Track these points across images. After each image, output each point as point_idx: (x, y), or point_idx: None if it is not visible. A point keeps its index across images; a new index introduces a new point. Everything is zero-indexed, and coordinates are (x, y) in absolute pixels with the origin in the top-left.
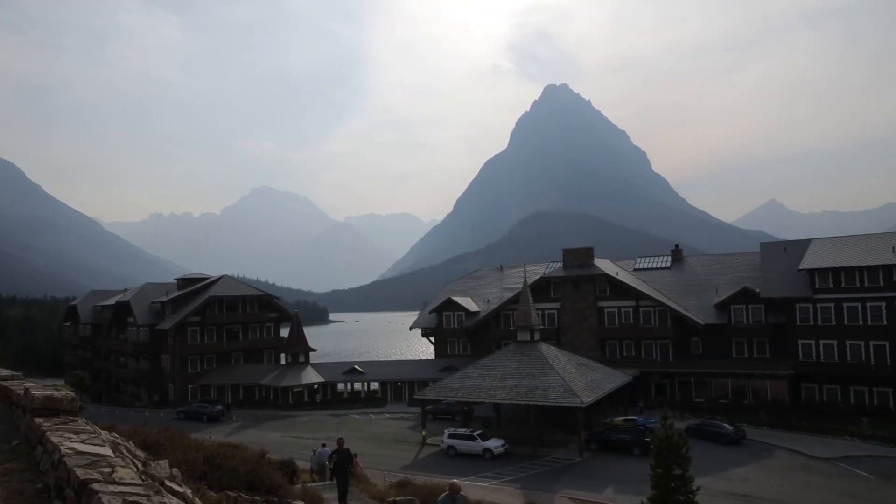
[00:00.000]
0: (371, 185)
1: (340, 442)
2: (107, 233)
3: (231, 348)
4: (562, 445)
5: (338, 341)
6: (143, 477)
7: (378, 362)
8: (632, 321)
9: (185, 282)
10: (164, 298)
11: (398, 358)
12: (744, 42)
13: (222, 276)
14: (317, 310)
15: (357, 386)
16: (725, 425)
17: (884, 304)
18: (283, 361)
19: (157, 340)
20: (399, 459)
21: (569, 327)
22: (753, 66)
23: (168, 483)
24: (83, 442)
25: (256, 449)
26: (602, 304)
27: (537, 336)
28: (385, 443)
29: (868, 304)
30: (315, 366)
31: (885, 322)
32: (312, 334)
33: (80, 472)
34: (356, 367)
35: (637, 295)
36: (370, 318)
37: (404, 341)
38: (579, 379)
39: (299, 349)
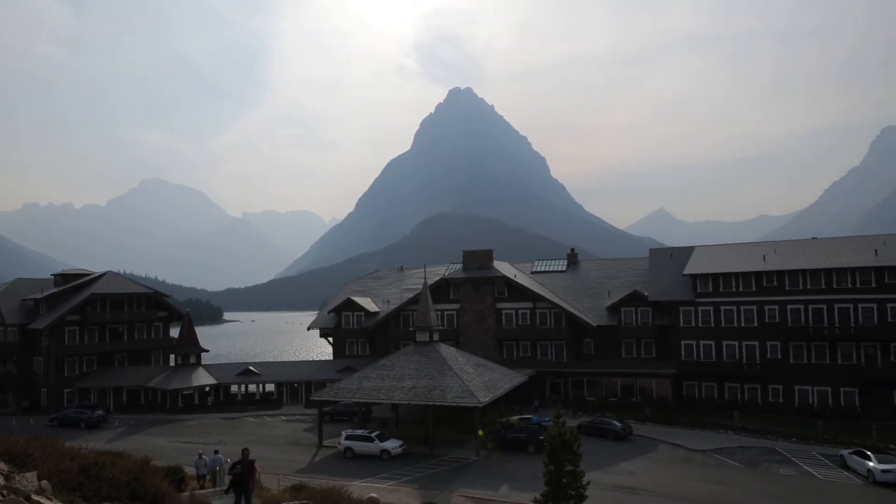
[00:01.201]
0: (271, 180)
1: (245, 452)
2: None
3: (115, 349)
4: (459, 445)
5: (232, 341)
6: (3, 492)
7: (274, 363)
8: (528, 322)
9: (63, 278)
10: (39, 295)
11: (295, 359)
12: (641, 59)
13: (106, 273)
14: (210, 309)
15: (252, 387)
16: (614, 422)
17: (755, 308)
18: (172, 363)
19: (28, 341)
20: (295, 462)
21: (468, 328)
22: (649, 81)
23: (35, 497)
24: None
25: (140, 456)
26: (500, 305)
27: (436, 337)
28: (280, 446)
29: (742, 308)
30: (207, 367)
31: (755, 324)
32: (205, 334)
33: None
34: (251, 368)
35: (534, 297)
36: (267, 317)
37: (302, 342)
38: (477, 379)
39: (190, 350)
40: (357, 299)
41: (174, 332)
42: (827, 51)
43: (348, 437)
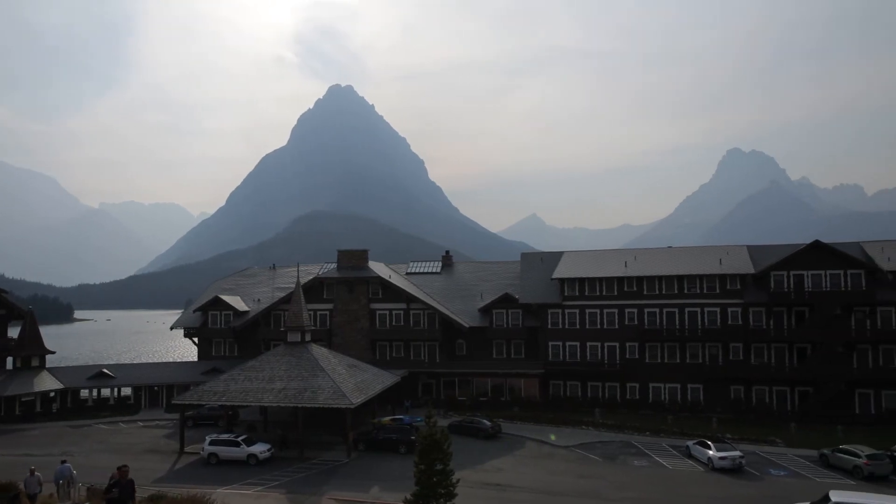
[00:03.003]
0: (133, 169)
1: (123, 471)
2: None
3: None
4: (330, 447)
5: (84, 342)
6: None
7: (132, 365)
8: (402, 323)
9: None
10: None
11: (156, 360)
12: (522, 70)
13: None
14: (58, 306)
15: (105, 392)
16: (484, 421)
17: (616, 311)
18: (10, 366)
19: None
20: (152, 471)
21: (341, 328)
22: (528, 92)
23: None
24: None
25: None
26: (374, 306)
27: (308, 337)
28: (137, 454)
29: (605, 311)
30: (52, 370)
31: (616, 326)
32: (52, 334)
33: None
34: (105, 370)
35: (408, 298)
36: (125, 316)
37: (164, 342)
38: (349, 380)
39: (32, 351)
40: (226, 298)
41: (14, 333)
42: (689, 76)
43: (212, 443)
